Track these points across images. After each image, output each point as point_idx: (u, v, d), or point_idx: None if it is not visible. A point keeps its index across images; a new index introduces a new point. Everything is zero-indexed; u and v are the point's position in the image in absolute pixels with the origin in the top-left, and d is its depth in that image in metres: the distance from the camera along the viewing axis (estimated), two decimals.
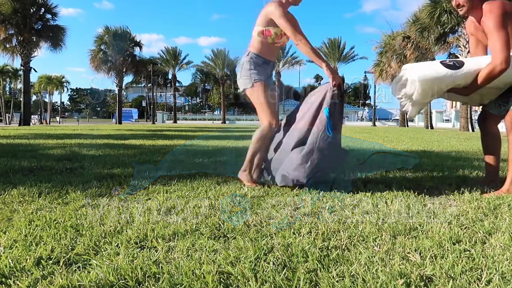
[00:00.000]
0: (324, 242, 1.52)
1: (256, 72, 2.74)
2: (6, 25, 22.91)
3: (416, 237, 1.61)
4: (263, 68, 2.77)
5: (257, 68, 2.75)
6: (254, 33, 2.75)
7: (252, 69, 2.74)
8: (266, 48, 2.75)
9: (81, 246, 1.47)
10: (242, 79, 2.79)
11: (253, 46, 2.76)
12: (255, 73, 2.74)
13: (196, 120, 49.60)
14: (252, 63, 2.74)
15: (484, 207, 2.10)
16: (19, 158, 4.22)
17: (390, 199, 2.30)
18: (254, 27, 2.77)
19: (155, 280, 1.19)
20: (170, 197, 2.34)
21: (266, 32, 2.69)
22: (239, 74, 2.83)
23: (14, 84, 49.16)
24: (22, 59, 23.60)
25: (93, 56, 33.99)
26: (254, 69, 2.74)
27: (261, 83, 2.73)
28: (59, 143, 6.71)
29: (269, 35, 2.69)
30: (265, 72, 2.78)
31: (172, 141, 7.58)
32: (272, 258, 1.35)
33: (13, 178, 2.99)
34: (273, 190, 2.58)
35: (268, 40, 2.71)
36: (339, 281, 1.18)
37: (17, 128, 16.94)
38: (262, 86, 2.74)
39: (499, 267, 1.28)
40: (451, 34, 20.69)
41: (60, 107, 61.61)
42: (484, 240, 1.58)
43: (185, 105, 75.42)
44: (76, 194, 2.39)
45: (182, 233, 1.63)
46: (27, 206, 2.11)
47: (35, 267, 1.27)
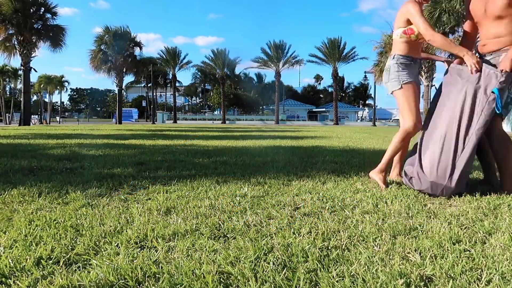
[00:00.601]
0: (324, 242, 1.52)
1: (405, 73, 2.79)
2: (6, 24, 22.92)
3: (416, 237, 1.61)
4: (411, 67, 2.81)
5: (405, 69, 2.79)
6: (396, 36, 2.81)
7: (400, 71, 2.79)
8: (411, 46, 2.79)
9: (81, 246, 1.47)
10: (390, 82, 2.84)
11: (397, 48, 2.82)
12: (404, 74, 2.79)
13: (196, 120, 49.60)
14: (400, 64, 2.80)
15: (484, 207, 2.10)
16: (19, 158, 4.22)
17: (390, 199, 2.30)
18: (393, 31, 2.85)
19: (155, 280, 1.19)
20: (170, 197, 2.34)
21: (408, 31, 2.74)
22: (386, 78, 2.89)
23: (14, 84, 49.17)
24: (22, 59, 23.61)
25: (93, 56, 34.01)
26: (403, 70, 2.79)
27: (411, 84, 2.78)
28: (59, 143, 6.71)
29: (411, 33, 2.74)
30: (414, 71, 2.83)
31: (172, 141, 7.58)
32: (272, 258, 1.35)
33: (13, 178, 2.99)
34: (273, 190, 2.58)
35: (412, 37, 2.75)
36: (339, 281, 1.18)
37: (17, 128, 16.94)
38: (412, 87, 2.78)
39: (499, 267, 1.28)
40: (451, 34, 20.72)
41: (60, 107, 61.61)
42: (484, 240, 1.58)
43: (185, 105, 75.43)
44: (76, 194, 2.39)
45: (182, 233, 1.63)
46: (27, 206, 2.11)
47: (35, 267, 1.27)
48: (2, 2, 22.37)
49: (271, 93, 53.45)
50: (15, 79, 46.39)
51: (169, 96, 61.21)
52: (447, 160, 2.39)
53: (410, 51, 2.79)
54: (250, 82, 62.04)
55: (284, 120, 48.08)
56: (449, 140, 2.42)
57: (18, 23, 22.97)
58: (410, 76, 2.79)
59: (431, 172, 2.42)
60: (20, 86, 36.42)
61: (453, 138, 2.41)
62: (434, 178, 2.39)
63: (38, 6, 24.05)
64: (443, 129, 2.48)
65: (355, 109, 63.88)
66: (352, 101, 73.74)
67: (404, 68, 2.79)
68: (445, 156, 2.40)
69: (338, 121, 42.92)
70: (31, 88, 29.78)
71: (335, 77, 42.34)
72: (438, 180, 2.38)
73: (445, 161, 2.39)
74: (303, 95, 71.87)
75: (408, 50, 2.79)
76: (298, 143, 7.61)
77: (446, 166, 2.38)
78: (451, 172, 2.36)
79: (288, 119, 51.54)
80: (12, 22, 22.86)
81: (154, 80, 42.63)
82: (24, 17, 23.02)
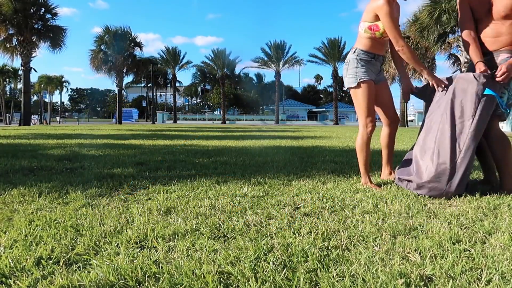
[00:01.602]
0: (324, 242, 1.52)
1: (363, 70, 2.69)
2: (7, 25, 22.93)
3: (416, 237, 1.61)
4: (371, 64, 2.73)
5: (365, 65, 2.70)
6: (361, 30, 2.71)
7: (359, 67, 2.69)
8: (374, 43, 2.70)
9: (81, 246, 1.47)
10: (347, 77, 2.75)
11: (360, 43, 2.72)
12: (362, 71, 2.69)
13: (196, 120, 49.63)
14: (359, 60, 2.70)
15: (484, 207, 2.10)
16: (19, 158, 4.22)
17: (390, 199, 2.30)
18: (360, 24, 2.74)
19: (155, 280, 1.19)
20: (170, 197, 2.34)
21: (374, 27, 2.64)
22: (345, 72, 2.80)
23: (14, 84, 49.15)
24: (22, 59, 23.62)
25: (94, 56, 34.03)
26: (362, 67, 2.69)
27: (367, 83, 2.69)
28: (59, 143, 6.71)
29: (377, 30, 2.64)
30: (374, 68, 2.75)
31: (172, 141, 7.58)
32: (272, 258, 1.35)
33: (13, 178, 2.99)
34: (273, 190, 2.58)
35: (376, 35, 2.65)
36: (339, 281, 1.18)
37: (17, 128, 16.94)
38: (368, 86, 2.70)
39: (499, 267, 1.28)
40: (451, 34, 20.71)
41: (60, 107, 61.56)
42: (484, 240, 1.58)
43: (185, 105, 75.42)
44: (76, 194, 2.39)
45: (182, 233, 1.63)
46: (27, 206, 2.11)
47: (35, 267, 1.27)
48: (2, 2, 22.38)
49: (271, 93, 53.45)
50: (15, 79, 46.38)
51: (169, 96, 61.20)
52: (445, 165, 2.36)
53: (372, 47, 2.70)
54: (250, 82, 62.01)
55: (284, 120, 48.09)
56: (445, 145, 2.39)
57: (18, 23, 22.98)
58: (368, 74, 2.70)
59: (429, 177, 2.39)
60: (20, 86, 36.44)
61: (448, 143, 2.38)
62: (433, 183, 2.37)
63: (39, 7, 24.06)
64: (437, 134, 2.46)
65: None
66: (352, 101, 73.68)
67: (364, 65, 2.69)
68: (443, 160, 2.37)
69: (338, 121, 42.93)
70: (31, 88, 29.79)
71: (335, 77, 42.32)
72: (438, 185, 2.36)
73: (444, 166, 2.36)
74: (303, 95, 71.88)
75: (370, 46, 2.69)
76: (298, 143, 7.61)
77: (444, 171, 2.35)
78: (450, 177, 2.33)
79: (288, 119, 51.55)
80: (12, 22, 22.86)
81: (154, 80, 42.60)
82: (24, 17, 23.02)
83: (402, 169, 2.70)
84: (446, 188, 2.33)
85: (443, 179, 2.34)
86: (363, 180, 2.79)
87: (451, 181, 2.33)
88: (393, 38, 2.55)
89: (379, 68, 2.83)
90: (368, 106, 2.72)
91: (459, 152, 2.36)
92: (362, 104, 2.73)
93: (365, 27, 2.66)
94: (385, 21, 2.54)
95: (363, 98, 2.72)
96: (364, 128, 2.75)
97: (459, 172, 2.33)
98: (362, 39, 2.71)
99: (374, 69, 2.76)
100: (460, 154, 2.36)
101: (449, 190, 2.34)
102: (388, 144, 2.99)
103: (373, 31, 2.64)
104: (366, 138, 2.76)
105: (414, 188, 2.46)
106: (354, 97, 2.78)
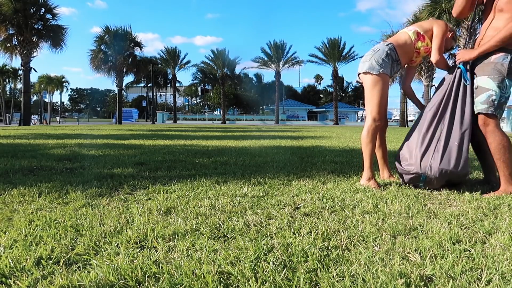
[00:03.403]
0: (324, 242, 1.52)
1: (389, 65, 2.71)
2: (7, 25, 22.93)
3: (416, 237, 1.61)
4: (394, 64, 2.77)
5: (390, 62, 2.72)
6: (409, 30, 2.78)
7: (385, 60, 2.69)
8: (406, 50, 2.78)
9: (81, 246, 1.47)
10: (370, 61, 2.72)
11: (397, 41, 2.77)
12: (387, 65, 2.70)
13: (196, 120, 49.66)
14: (389, 54, 2.72)
15: (484, 207, 2.10)
16: (19, 158, 4.22)
17: (390, 199, 2.30)
18: (409, 26, 2.83)
19: (155, 280, 1.19)
20: (170, 197, 2.34)
21: (421, 36, 2.75)
22: (368, 57, 2.76)
23: (14, 84, 49.18)
24: (22, 59, 23.62)
25: (94, 56, 34.03)
26: (388, 61, 2.71)
27: (387, 77, 2.72)
28: (59, 143, 6.71)
29: (421, 40, 2.74)
30: (392, 70, 2.77)
31: (172, 141, 7.58)
32: (272, 258, 1.35)
33: (13, 178, 2.99)
34: (273, 190, 2.58)
35: (417, 45, 2.76)
36: (339, 281, 1.18)
37: (17, 128, 16.94)
38: (387, 81, 2.73)
39: (499, 267, 1.28)
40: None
41: (60, 107, 61.55)
42: (484, 240, 1.58)
43: (185, 105, 75.44)
44: (76, 194, 2.39)
45: (182, 233, 1.63)
46: (27, 206, 2.11)
47: (35, 267, 1.27)
48: (2, 2, 22.38)
49: (271, 93, 53.44)
50: (15, 79, 46.41)
51: (169, 96, 61.24)
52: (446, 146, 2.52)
53: (403, 52, 2.76)
54: (250, 82, 62.05)
55: (284, 120, 48.09)
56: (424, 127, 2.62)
57: (18, 23, 22.98)
58: (390, 70, 2.72)
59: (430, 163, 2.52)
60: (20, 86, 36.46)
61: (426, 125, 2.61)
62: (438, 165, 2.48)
63: (39, 7, 24.07)
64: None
65: (355, 109, 63.84)
66: (352, 101, 73.73)
67: (390, 60, 2.71)
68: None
69: (338, 121, 42.94)
70: (31, 88, 29.79)
71: (335, 77, 42.33)
72: (433, 162, 2.48)
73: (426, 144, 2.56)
74: (303, 95, 71.91)
75: (403, 50, 2.75)
76: (298, 143, 7.61)
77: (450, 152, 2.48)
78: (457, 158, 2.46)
79: (288, 119, 51.56)
80: (12, 22, 22.86)
81: (154, 80, 42.63)
82: (24, 17, 23.03)
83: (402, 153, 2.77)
84: (452, 169, 2.45)
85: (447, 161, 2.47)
86: (367, 175, 2.73)
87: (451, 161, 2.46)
88: (433, 50, 2.70)
89: (392, 75, 2.86)
90: (381, 100, 2.71)
91: (440, 131, 2.54)
92: (376, 95, 2.70)
93: (413, 31, 2.77)
94: (436, 38, 2.69)
95: (379, 89, 2.69)
96: (373, 122, 2.73)
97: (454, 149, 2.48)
98: (400, 39, 2.78)
99: (392, 71, 2.78)
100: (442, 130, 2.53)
101: (452, 169, 2.45)
102: (380, 145, 3.02)
103: (417, 38, 2.75)
104: (373, 131, 2.73)
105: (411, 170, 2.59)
106: (370, 85, 2.72)
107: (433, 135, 2.56)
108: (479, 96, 2.49)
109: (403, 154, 2.69)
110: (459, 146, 2.48)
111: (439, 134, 2.54)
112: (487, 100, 2.45)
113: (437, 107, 2.62)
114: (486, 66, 2.47)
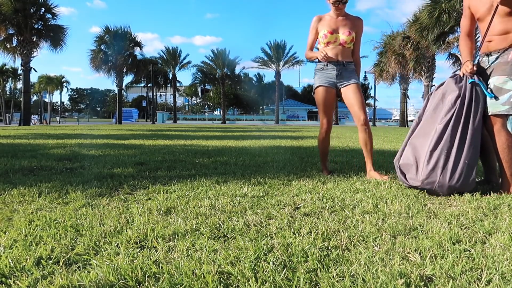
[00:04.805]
0: (324, 242, 1.52)
1: (317, 77, 3.25)
2: (7, 25, 22.92)
3: (416, 237, 1.61)
4: (324, 71, 3.21)
5: (318, 73, 3.25)
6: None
7: (315, 76, 3.28)
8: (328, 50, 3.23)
9: (81, 246, 1.46)
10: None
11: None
12: (316, 79, 3.27)
13: (196, 120, 49.65)
14: (315, 70, 3.31)
15: (484, 207, 2.10)
16: (19, 158, 4.22)
17: (390, 199, 2.30)
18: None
19: (155, 280, 1.19)
20: (170, 197, 2.34)
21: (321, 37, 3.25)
22: None
23: (14, 84, 49.18)
24: (22, 59, 23.62)
25: (94, 56, 34.03)
26: (316, 75, 3.27)
27: (319, 89, 3.26)
28: (59, 143, 6.71)
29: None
30: (328, 75, 3.20)
31: (172, 141, 7.58)
32: (272, 258, 1.35)
33: (13, 178, 2.99)
34: (273, 190, 2.58)
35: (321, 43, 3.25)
36: (339, 281, 1.18)
37: (17, 128, 16.94)
38: (318, 92, 3.27)
39: (499, 267, 1.28)
40: (451, 34, 20.73)
41: (60, 107, 61.54)
42: (484, 240, 1.58)
43: (185, 105, 75.43)
44: (76, 194, 2.39)
45: (182, 233, 1.63)
46: (27, 206, 2.11)
47: (35, 267, 1.27)
48: (2, 2, 22.37)
49: (271, 93, 53.42)
50: (15, 79, 46.40)
51: (169, 96, 61.17)
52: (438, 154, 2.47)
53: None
54: (250, 82, 62.00)
55: (284, 120, 48.06)
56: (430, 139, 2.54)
57: (18, 23, 22.97)
58: (321, 80, 3.19)
59: (429, 172, 2.45)
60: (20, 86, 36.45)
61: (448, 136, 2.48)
62: (435, 177, 2.43)
63: (39, 6, 24.07)
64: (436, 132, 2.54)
65: None
66: None
67: (317, 73, 3.22)
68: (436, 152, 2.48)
69: (338, 121, 42.90)
70: (31, 88, 29.79)
71: None
72: (441, 180, 2.42)
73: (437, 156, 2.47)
74: (303, 95, 71.83)
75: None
76: (298, 143, 7.61)
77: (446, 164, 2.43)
78: (452, 171, 2.39)
79: (288, 119, 51.53)
80: (12, 22, 22.86)
81: (154, 80, 42.59)
82: (24, 17, 23.02)
83: (403, 163, 2.71)
84: (450, 183, 2.39)
85: (437, 172, 2.43)
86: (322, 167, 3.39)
87: (453, 175, 2.39)
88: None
89: (337, 73, 3.15)
90: (321, 109, 3.23)
91: (446, 143, 2.46)
92: (318, 107, 3.28)
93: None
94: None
95: (316, 101, 3.26)
96: (320, 127, 3.31)
97: (456, 163, 2.42)
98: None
99: (329, 75, 3.17)
100: (454, 144, 2.45)
101: (451, 184, 2.40)
102: (362, 146, 3.19)
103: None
104: (320, 135, 3.33)
105: (413, 181, 2.55)
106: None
107: (442, 152, 2.46)
108: (500, 97, 2.40)
109: (406, 165, 2.64)
110: (470, 165, 2.42)
111: (450, 151, 2.45)
112: (508, 101, 2.37)
113: (448, 121, 2.50)
114: (504, 66, 2.41)
